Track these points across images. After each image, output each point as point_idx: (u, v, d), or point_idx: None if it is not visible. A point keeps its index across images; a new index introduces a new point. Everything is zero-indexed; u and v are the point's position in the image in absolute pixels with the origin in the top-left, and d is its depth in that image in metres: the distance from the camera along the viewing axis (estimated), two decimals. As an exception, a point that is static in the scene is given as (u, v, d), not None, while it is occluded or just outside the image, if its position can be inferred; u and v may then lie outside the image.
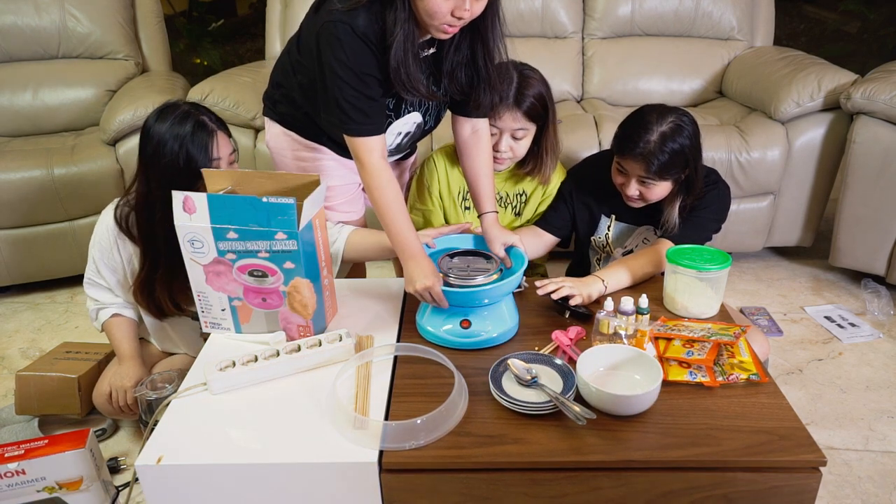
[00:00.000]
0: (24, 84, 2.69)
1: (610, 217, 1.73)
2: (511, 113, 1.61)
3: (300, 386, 1.22)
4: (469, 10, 1.23)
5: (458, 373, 1.17)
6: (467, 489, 1.06)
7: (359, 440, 1.07)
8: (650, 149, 1.50)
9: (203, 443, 1.10)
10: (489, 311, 1.32)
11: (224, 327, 1.37)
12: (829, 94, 2.28)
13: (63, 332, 2.31)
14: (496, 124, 1.62)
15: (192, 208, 1.23)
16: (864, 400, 1.87)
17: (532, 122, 1.65)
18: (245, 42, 5.06)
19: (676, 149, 1.51)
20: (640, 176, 1.54)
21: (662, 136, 1.50)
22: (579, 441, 1.07)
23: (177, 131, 1.43)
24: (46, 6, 2.71)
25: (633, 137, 1.52)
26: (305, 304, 1.29)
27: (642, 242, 1.71)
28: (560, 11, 2.83)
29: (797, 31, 4.63)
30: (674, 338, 1.27)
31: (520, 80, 1.62)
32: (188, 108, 1.47)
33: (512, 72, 1.62)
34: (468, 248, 1.45)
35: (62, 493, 1.43)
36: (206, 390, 1.21)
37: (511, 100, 1.60)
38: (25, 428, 1.78)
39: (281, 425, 1.13)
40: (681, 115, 1.54)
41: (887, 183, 2.19)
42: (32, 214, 2.37)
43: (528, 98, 1.61)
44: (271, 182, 1.34)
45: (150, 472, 1.06)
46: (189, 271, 1.31)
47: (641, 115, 1.56)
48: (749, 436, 1.07)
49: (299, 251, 1.23)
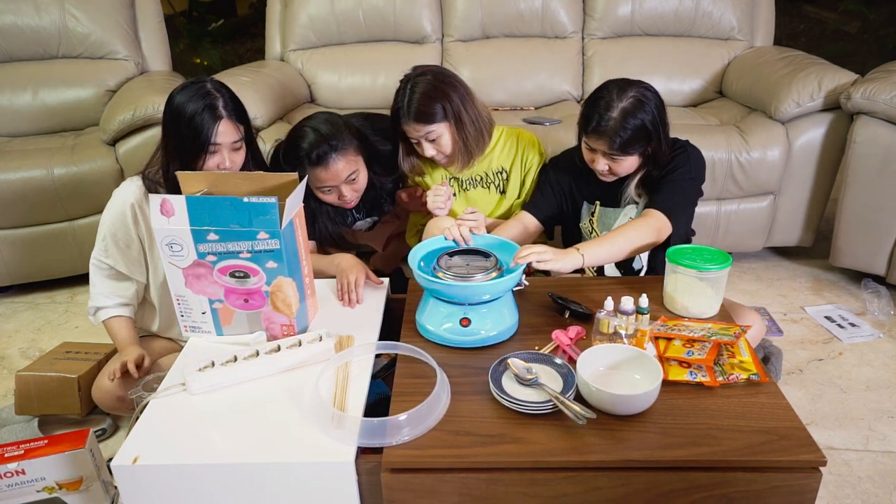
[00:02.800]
0: (24, 84, 2.68)
1: (593, 203, 1.75)
2: (411, 125, 1.70)
3: (280, 386, 1.22)
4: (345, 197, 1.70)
5: (439, 368, 1.17)
6: (467, 489, 1.06)
7: (338, 436, 1.07)
8: (612, 126, 1.52)
9: (181, 443, 1.10)
10: (488, 308, 1.32)
11: (205, 331, 1.36)
12: (829, 94, 2.28)
13: (63, 332, 2.31)
14: (410, 135, 1.73)
15: (171, 211, 1.22)
16: (864, 400, 1.87)
17: (434, 124, 1.70)
18: (245, 42, 5.06)
19: (638, 124, 1.53)
20: (604, 152, 1.57)
21: (623, 112, 1.52)
22: (579, 441, 1.07)
23: (190, 107, 1.48)
24: (46, 6, 2.71)
25: (594, 115, 1.55)
26: (289, 302, 1.29)
27: None
28: (560, 11, 2.83)
29: (797, 31, 4.63)
30: (674, 337, 1.27)
31: (412, 89, 1.68)
32: (209, 88, 1.52)
33: None
34: (468, 247, 1.45)
35: (62, 493, 1.43)
36: (184, 391, 1.20)
37: (407, 113, 1.68)
38: (25, 428, 1.77)
39: (259, 425, 1.13)
40: (643, 90, 1.55)
41: (887, 183, 2.18)
42: (32, 214, 2.36)
43: (422, 107, 1.67)
44: (248, 183, 1.34)
45: (127, 473, 1.05)
46: (167, 275, 1.31)
47: (602, 91, 1.57)
48: (749, 436, 1.07)
49: (282, 250, 1.23)
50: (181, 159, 1.51)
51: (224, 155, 1.53)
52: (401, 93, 1.70)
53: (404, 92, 1.69)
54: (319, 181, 1.67)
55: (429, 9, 2.83)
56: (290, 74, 2.77)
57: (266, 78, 2.58)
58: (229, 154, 1.54)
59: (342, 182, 1.68)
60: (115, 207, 1.59)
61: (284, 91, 2.62)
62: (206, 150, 1.50)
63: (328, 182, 1.67)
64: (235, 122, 1.54)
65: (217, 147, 1.51)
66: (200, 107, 1.48)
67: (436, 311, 1.34)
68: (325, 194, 1.72)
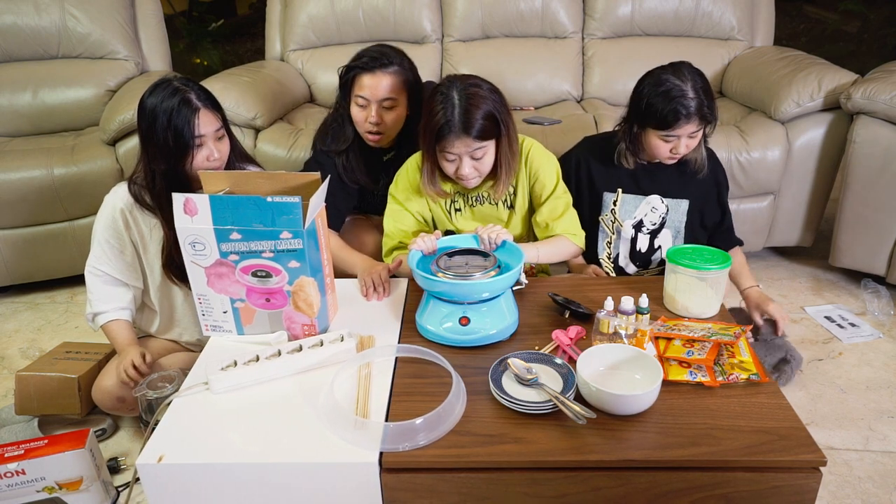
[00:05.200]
0: (24, 84, 2.69)
1: (615, 192, 1.76)
2: (462, 140, 1.50)
3: (301, 386, 1.22)
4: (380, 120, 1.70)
5: (455, 374, 1.17)
6: (467, 489, 1.06)
7: (358, 441, 1.07)
8: (697, 104, 1.57)
9: (204, 442, 1.10)
10: (488, 307, 1.32)
11: (226, 330, 1.37)
12: (829, 94, 2.28)
13: (63, 332, 2.31)
14: (451, 151, 1.53)
15: (194, 210, 1.23)
16: (864, 400, 1.87)
17: (487, 140, 1.54)
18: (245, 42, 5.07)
19: (709, 89, 1.61)
20: (691, 133, 1.61)
21: (695, 87, 1.58)
22: (579, 441, 1.07)
23: (165, 106, 1.47)
24: (46, 6, 2.71)
25: (677, 108, 1.57)
26: (311, 302, 1.29)
27: (650, 211, 1.75)
28: (560, 11, 2.83)
29: (797, 31, 4.63)
30: (674, 337, 1.28)
31: (466, 101, 1.48)
32: (178, 85, 1.51)
33: None
34: (466, 248, 1.46)
35: (62, 494, 1.43)
36: (207, 390, 1.21)
37: (459, 127, 1.48)
38: (25, 428, 1.77)
39: (282, 425, 1.13)
40: (686, 65, 1.65)
41: (887, 183, 2.18)
42: (32, 214, 2.36)
43: (477, 121, 1.49)
44: (270, 182, 1.34)
45: (151, 471, 1.06)
46: (189, 274, 1.31)
47: (666, 84, 1.60)
48: (749, 436, 1.07)
49: (304, 250, 1.23)
50: (167, 162, 1.50)
51: (210, 146, 1.52)
52: (445, 104, 1.49)
53: (450, 103, 1.48)
54: (360, 88, 1.73)
55: (429, 9, 2.83)
56: (290, 74, 2.77)
57: (266, 78, 2.58)
58: (215, 144, 1.53)
59: (380, 100, 1.73)
60: (106, 214, 1.59)
61: (284, 91, 2.62)
62: (191, 145, 1.49)
63: (367, 92, 1.72)
64: (212, 110, 1.54)
65: (202, 139, 1.50)
66: (175, 103, 1.47)
67: (436, 310, 1.34)
68: (361, 110, 1.76)
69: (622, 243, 1.80)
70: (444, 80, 1.55)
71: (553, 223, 1.66)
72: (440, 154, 1.55)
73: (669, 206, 1.76)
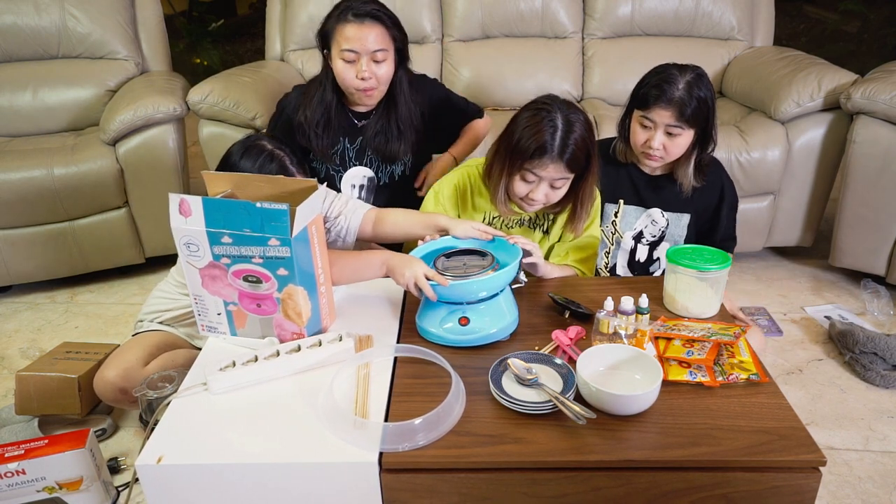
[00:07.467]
0: (24, 84, 2.69)
1: (616, 203, 1.76)
2: (555, 165, 1.47)
3: (301, 386, 1.22)
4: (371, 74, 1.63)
5: (455, 374, 1.17)
6: (467, 489, 1.06)
7: (358, 441, 1.07)
8: (679, 96, 1.58)
9: (203, 443, 1.10)
10: (487, 306, 1.32)
11: (220, 331, 1.37)
12: (829, 94, 2.28)
13: (63, 332, 2.31)
14: (538, 173, 1.49)
15: (188, 211, 1.23)
16: (864, 400, 1.87)
17: (574, 172, 1.52)
18: (245, 42, 5.08)
19: (702, 97, 1.60)
20: (668, 125, 1.60)
21: (688, 84, 1.59)
22: (579, 441, 1.07)
23: (265, 172, 1.46)
24: (46, 6, 2.71)
25: (661, 87, 1.60)
26: (299, 311, 1.28)
27: (651, 224, 1.74)
28: (560, 11, 2.83)
29: (797, 31, 4.63)
30: (674, 337, 1.27)
31: (568, 126, 1.46)
32: (272, 149, 1.50)
33: None
34: (464, 248, 1.45)
35: (62, 493, 1.43)
36: (206, 390, 1.21)
37: (557, 151, 1.46)
38: (25, 428, 1.77)
39: (281, 425, 1.13)
40: (699, 69, 1.65)
41: (887, 183, 2.18)
42: (32, 214, 2.37)
43: (575, 151, 1.47)
44: (270, 186, 1.34)
45: (151, 472, 1.06)
46: (185, 274, 1.31)
47: (661, 69, 1.65)
48: (749, 436, 1.07)
49: (292, 258, 1.22)
50: None
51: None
52: (548, 125, 1.46)
53: (553, 125, 1.46)
54: (347, 40, 1.69)
55: (429, 9, 2.83)
56: (290, 74, 2.77)
57: (266, 78, 2.58)
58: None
59: (368, 53, 1.69)
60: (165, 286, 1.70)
61: (284, 91, 2.62)
62: None
63: (355, 44, 1.68)
64: (303, 173, 1.53)
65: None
66: (273, 170, 1.47)
67: (435, 311, 1.34)
68: (347, 64, 1.72)
69: (621, 253, 1.80)
70: (544, 100, 1.51)
71: (575, 260, 1.66)
72: (521, 171, 1.51)
73: (670, 219, 1.76)
